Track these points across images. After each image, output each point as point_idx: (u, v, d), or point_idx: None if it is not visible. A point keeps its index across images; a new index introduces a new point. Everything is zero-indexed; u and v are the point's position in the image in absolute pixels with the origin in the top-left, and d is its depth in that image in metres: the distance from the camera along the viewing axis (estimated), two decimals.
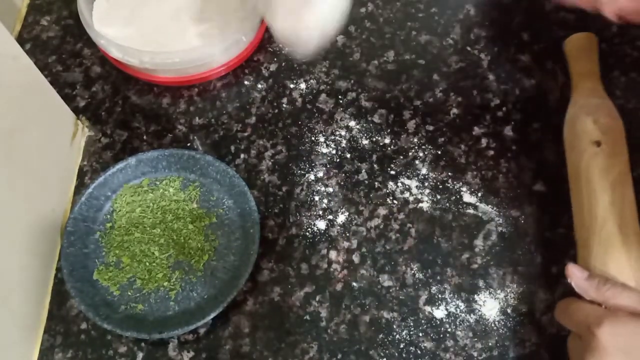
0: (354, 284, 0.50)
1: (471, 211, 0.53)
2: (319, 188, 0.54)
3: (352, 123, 0.57)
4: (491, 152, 0.55)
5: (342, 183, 0.54)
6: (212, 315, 0.46)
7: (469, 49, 0.61)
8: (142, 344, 0.49)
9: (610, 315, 0.38)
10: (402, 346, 0.48)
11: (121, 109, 0.60)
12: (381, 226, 0.52)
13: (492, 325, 0.48)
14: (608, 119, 0.49)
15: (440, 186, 0.54)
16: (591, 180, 0.47)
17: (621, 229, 0.44)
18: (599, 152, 0.47)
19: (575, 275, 0.42)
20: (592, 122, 0.49)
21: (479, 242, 0.51)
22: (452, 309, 0.49)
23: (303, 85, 0.60)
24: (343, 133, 0.57)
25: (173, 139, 0.57)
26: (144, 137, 0.58)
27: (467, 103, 0.58)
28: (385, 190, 0.54)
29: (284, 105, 0.59)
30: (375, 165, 0.55)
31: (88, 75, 0.61)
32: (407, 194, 0.54)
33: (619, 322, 0.37)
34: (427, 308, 0.49)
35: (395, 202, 0.53)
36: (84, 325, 0.49)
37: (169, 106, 0.59)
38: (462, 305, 0.49)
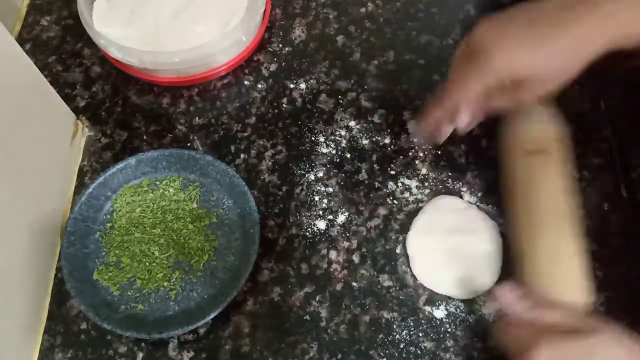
0: (354, 284, 0.50)
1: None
2: (319, 188, 0.54)
3: (352, 123, 0.57)
4: (491, 152, 0.55)
5: (342, 183, 0.54)
6: (212, 315, 0.46)
7: None
8: (142, 344, 0.49)
9: (545, 336, 0.38)
10: (402, 346, 0.48)
11: (121, 109, 0.60)
12: (381, 226, 0.52)
13: (492, 325, 0.48)
14: (544, 127, 0.48)
15: (440, 186, 0.54)
16: (529, 189, 0.46)
17: (561, 238, 0.44)
18: (532, 162, 0.47)
19: (504, 297, 0.41)
20: (527, 131, 0.48)
21: None
22: (452, 309, 0.49)
23: (303, 85, 0.60)
24: (343, 133, 0.57)
25: (173, 139, 0.57)
26: (144, 137, 0.58)
27: None
28: (385, 190, 0.54)
29: (284, 105, 0.59)
30: (375, 165, 0.55)
31: (88, 75, 0.61)
32: (407, 194, 0.54)
33: (554, 343, 0.37)
34: (427, 308, 0.49)
35: (395, 202, 0.53)
36: (84, 325, 0.49)
37: (169, 106, 0.59)
38: (462, 305, 0.49)
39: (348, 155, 0.56)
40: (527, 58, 0.41)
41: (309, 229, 0.52)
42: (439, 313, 0.49)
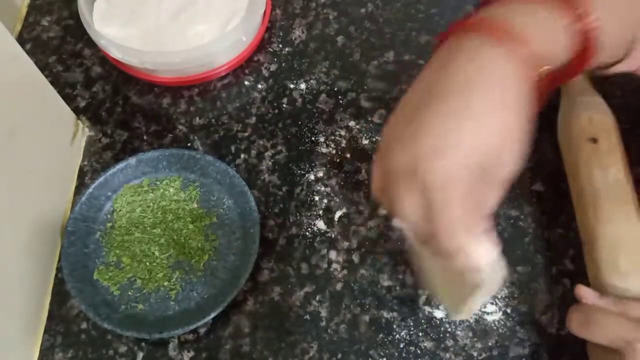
0: (354, 284, 0.50)
1: None
2: (319, 188, 0.54)
3: (352, 123, 0.57)
4: None
5: (342, 183, 0.54)
6: (212, 315, 0.46)
7: None
8: (142, 344, 0.49)
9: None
10: (402, 346, 0.48)
11: (121, 109, 0.60)
12: (381, 226, 0.52)
13: (492, 325, 0.48)
14: (602, 116, 0.49)
15: None
16: (592, 179, 0.47)
17: (627, 227, 0.44)
18: (596, 149, 0.47)
19: (588, 296, 0.42)
20: (587, 119, 0.49)
21: None
22: None
23: (303, 85, 0.60)
24: (343, 133, 0.57)
25: (173, 139, 0.58)
26: (144, 137, 0.58)
27: None
28: None
29: (284, 105, 0.59)
30: None
31: (88, 75, 0.62)
32: None
33: None
34: (427, 308, 0.49)
35: None
36: (84, 325, 0.50)
37: (169, 106, 0.60)
38: None
39: (348, 155, 0.56)
40: (467, 149, 0.32)
41: (309, 229, 0.52)
42: (439, 313, 0.49)
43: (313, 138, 0.57)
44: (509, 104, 0.33)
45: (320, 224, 0.53)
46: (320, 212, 0.53)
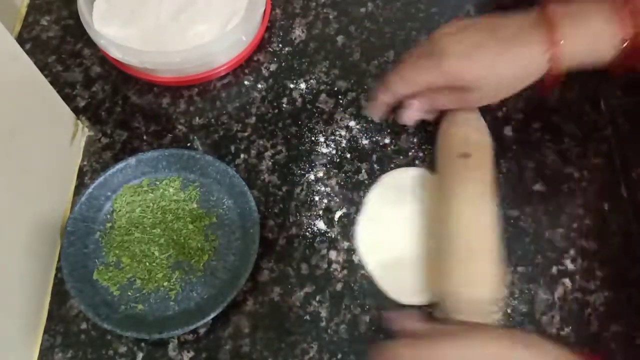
0: (354, 284, 0.50)
1: None
2: (319, 188, 0.54)
3: (352, 123, 0.57)
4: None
5: (342, 183, 0.54)
6: (212, 315, 0.46)
7: None
8: (142, 344, 0.49)
9: (410, 346, 0.39)
10: None
11: (121, 109, 0.60)
12: None
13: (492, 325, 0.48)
14: (475, 133, 0.49)
15: None
16: (454, 193, 0.47)
17: (477, 243, 0.45)
18: (463, 165, 0.48)
19: (395, 320, 0.44)
20: (461, 135, 0.49)
21: None
22: None
23: (303, 85, 0.60)
24: (343, 133, 0.57)
25: (173, 139, 0.57)
26: (144, 137, 0.58)
27: None
28: None
29: (284, 105, 0.59)
30: (375, 165, 0.55)
31: (88, 75, 0.61)
32: None
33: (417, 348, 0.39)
34: (428, 308, 0.49)
35: None
36: (84, 325, 0.49)
37: (169, 106, 0.59)
38: None
39: (348, 155, 0.56)
40: (476, 67, 0.44)
41: (309, 229, 0.52)
42: (440, 313, 0.48)
43: (313, 138, 0.57)
44: (524, 71, 0.44)
45: (320, 224, 0.53)
46: (320, 212, 0.53)
